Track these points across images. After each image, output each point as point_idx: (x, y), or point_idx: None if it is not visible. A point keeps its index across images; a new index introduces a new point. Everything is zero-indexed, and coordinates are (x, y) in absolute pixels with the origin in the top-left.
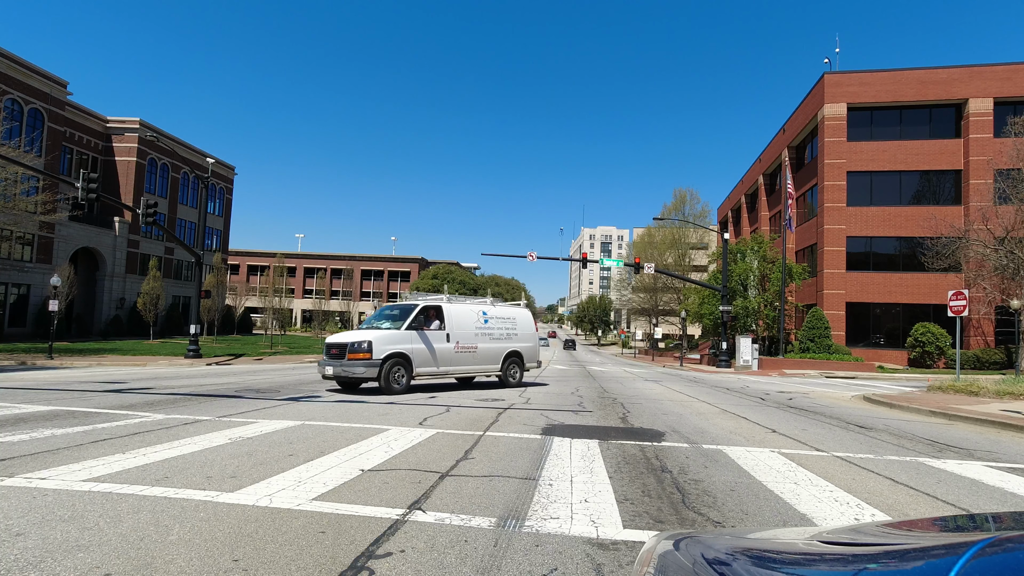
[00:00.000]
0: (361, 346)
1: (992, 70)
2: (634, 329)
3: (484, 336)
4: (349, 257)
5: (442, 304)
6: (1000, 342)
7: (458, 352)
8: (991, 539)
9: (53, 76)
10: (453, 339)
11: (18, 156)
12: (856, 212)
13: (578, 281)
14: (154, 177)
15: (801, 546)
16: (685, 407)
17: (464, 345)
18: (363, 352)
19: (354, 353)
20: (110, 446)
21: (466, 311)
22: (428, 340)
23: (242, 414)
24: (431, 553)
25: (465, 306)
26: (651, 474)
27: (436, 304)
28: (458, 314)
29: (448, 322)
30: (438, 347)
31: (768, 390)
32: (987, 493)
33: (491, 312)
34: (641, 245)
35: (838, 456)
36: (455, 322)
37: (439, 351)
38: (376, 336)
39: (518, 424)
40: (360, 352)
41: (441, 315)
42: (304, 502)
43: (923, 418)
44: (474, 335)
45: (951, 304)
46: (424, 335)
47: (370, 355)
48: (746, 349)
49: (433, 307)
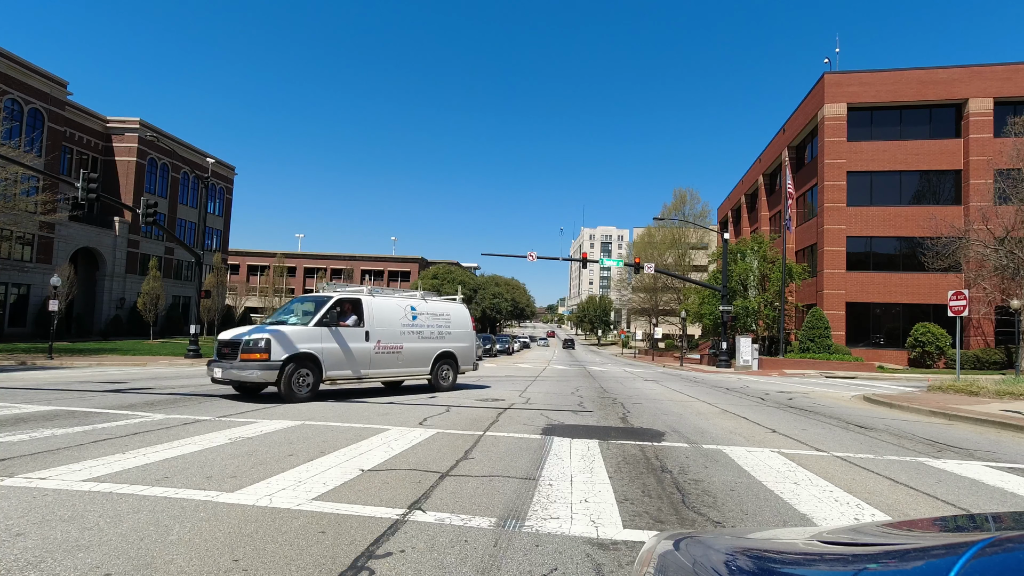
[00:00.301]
0: (257, 345)
1: (992, 70)
2: (634, 329)
3: (412, 334)
4: (349, 257)
5: (362, 297)
6: (1000, 342)
7: (380, 353)
8: (991, 539)
9: (53, 76)
10: (374, 337)
11: (18, 156)
12: (856, 212)
13: (578, 281)
14: (154, 177)
15: (801, 546)
16: (685, 407)
17: (387, 344)
18: (259, 352)
19: (248, 353)
20: (110, 446)
21: (391, 306)
22: (343, 338)
23: (242, 414)
24: (431, 553)
25: (390, 300)
26: (651, 474)
27: (354, 297)
28: (381, 309)
29: (369, 318)
30: (355, 347)
31: (768, 390)
32: (987, 493)
33: (421, 307)
34: (641, 245)
35: (838, 456)
36: (377, 318)
37: (356, 351)
38: (277, 333)
39: (518, 424)
40: (255, 352)
41: (360, 310)
42: (304, 502)
43: (923, 418)
44: (400, 333)
45: (951, 304)
46: (338, 333)
47: (268, 355)
48: (746, 349)
49: (350, 300)
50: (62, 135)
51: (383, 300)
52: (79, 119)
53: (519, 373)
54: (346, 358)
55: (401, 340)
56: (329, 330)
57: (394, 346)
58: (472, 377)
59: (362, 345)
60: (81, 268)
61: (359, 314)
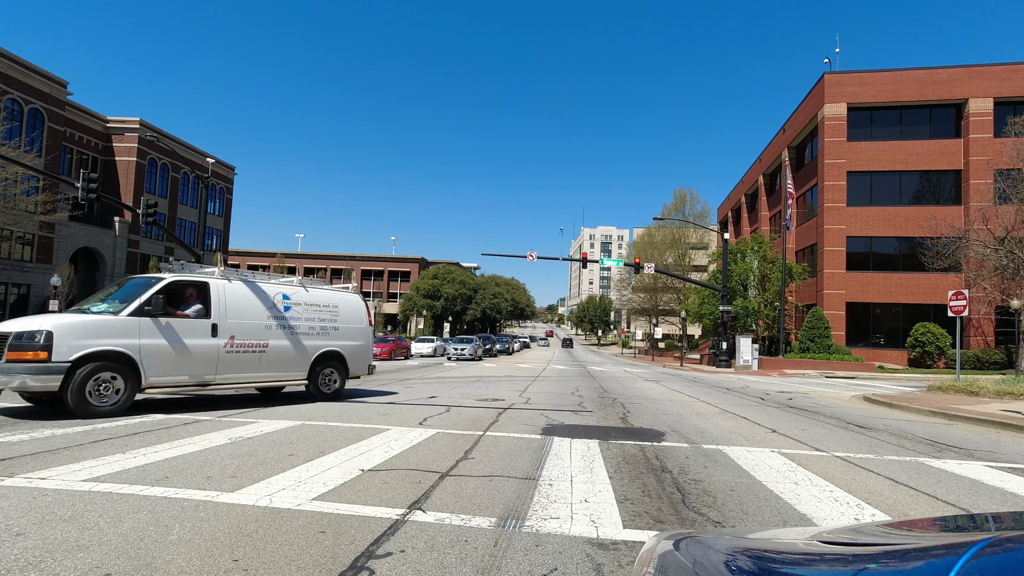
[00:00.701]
0: (33, 340)
1: (992, 70)
2: (634, 329)
3: (283, 330)
4: (349, 257)
5: (209, 280)
6: (1000, 342)
7: (234, 352)
8: (991, 539)
9: (53, 76)
10: (224, 332)
11: (18, 156)
12: (856, 212)
13: (578, 281)
14: (154, 177)
15: (801, 546)
16: (685, 407)
17: (245, 342)
18: (34, 349)
19: (18, 351)
20: (110, 446)
21: (254, 293)
22: (175, 333)
23: (242, 414)
24: (431, 553)
25: (254, 286)
26: (651, 474)
27: (198, 279)
28: (239, 297)
29: (219, 307)
30: (195, 344)
31: (768, 390)
32: (987, 493)
33: (299, 296)
34: (641, 245)
35: (838, 456)
36: (232, 308)
37: (197, 350)
38: (67, 324)
39: (518, 424)
40: (28, 349)
41: (206, 296)
42: (304, 502)
43: (923, 418)
44: (265, 328)
45: (951, 304)
46: (168, 326)
47: (47, 354)
48: (746, 349)
49: (192, 284)
50: (62, 135)
51: (240, 286)
52: (79, 119)
53: (519, 373)
54: (180, 359)
55: (266, 336)
56: (153, 321)
57: (255, 344)
58: (373, 382)
59: (206, 342)
60: (81, 268)
61: (205, 302)
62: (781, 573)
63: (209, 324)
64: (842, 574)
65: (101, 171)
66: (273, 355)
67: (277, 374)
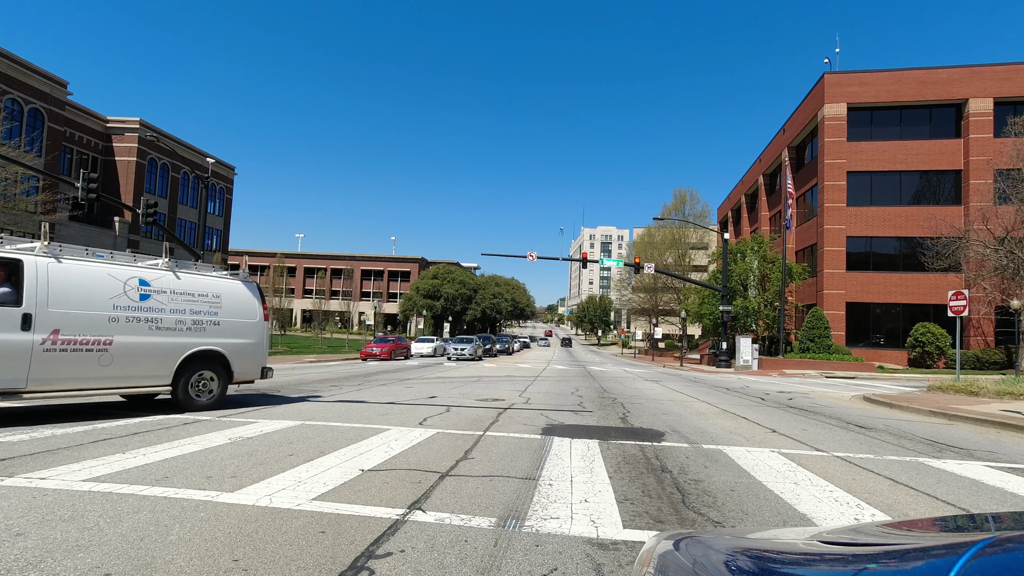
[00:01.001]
0: None
1: (992, 70)
2: (634, 329)
3: (137, 323)
4: (349, 257)
5: (22, 257)
6: (1000, 342)
7: (57, 350)
8: (991, 539)
9: (53, 76)
10: (43, 325)
11: (18, 156)
12: (856, 212)
13: (578, 281)
14: (154, 177)
15: (801, 546)
16: (685, 407)
17: (75, 337)
18: None
19: None
20: (110, 446)
21: (93, 275)
22: None
23: (242, 414)
24: (431, 553)
25: (95, 267)
26: (651, 474)
27: (8, 256)
28: (68, 279)
29: (35, 292)
30: None
31: (768, 390)
32: (987, 493)
33: (162, 283)
34: (641, 245)
35: (838, 456)
36: (58, 293)
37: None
38: None
39: (518, 424)
40: None
41: (18, 277)
42: (304, 502)
43: (923, 418)
44: (108, 320)
45: (951, 304)
46: None
47: None
48: (746, 349)
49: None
50: (62, 135)
51: (76, 267)
52: (79, 119)
53: (519, 373)
54: None
55: (111, 331)
56: None
57: (92, 340)
58: (276, 384)
59: (14, 337)
60: None
61: (16, 285)
62: (781, 573)
63: (19, 313)
64: (842, 574)
65: (101, 171)
66: (120, 355)
67: (126, 379)
